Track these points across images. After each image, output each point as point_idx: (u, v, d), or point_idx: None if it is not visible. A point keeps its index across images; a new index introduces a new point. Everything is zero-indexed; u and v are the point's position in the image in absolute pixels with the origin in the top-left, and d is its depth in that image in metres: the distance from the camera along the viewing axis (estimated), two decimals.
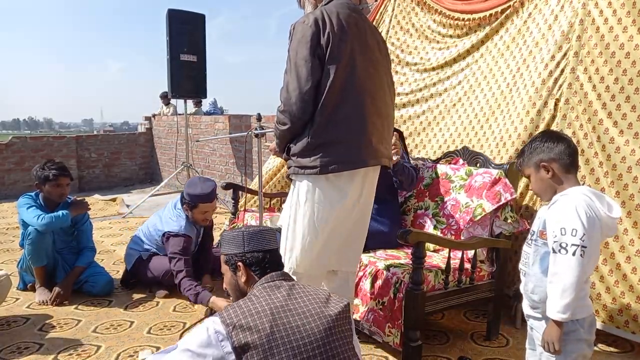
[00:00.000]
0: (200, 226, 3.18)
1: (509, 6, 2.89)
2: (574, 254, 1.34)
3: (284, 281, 1.48)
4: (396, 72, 3.52)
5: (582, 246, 1.34)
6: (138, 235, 3.22)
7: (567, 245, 1.35)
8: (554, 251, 1.39)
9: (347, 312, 1.43)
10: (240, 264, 1.52)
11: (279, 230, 2.13)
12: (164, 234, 3.03)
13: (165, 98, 9.49)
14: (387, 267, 2.28)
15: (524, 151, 1.59)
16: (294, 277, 2.00)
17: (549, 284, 1.40)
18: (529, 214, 2.60)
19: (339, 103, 1.88)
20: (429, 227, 2.75)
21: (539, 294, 1.48)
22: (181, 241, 2.97)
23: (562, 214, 1.40)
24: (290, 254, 2.02)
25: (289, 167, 2.02)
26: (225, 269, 1.59)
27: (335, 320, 1.38)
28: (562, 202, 1.44)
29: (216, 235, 3.41)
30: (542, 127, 2.59)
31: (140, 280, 3.14)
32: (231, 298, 1.66)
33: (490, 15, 2.99)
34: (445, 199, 2.74)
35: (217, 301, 2.67)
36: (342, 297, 1.49)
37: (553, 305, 1.37)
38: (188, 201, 3.03)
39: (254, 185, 3.96)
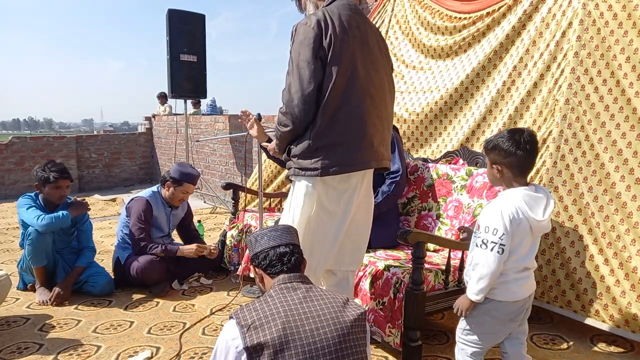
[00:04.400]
0: (170, 208, 3.32)
1: (508, 6, 2.89)
2: (492, 250, 1.58)
3: (302, 283, 1.47)
4: (395, 72, 3.52)
5: (501, 244, 1.57)
6: (118, 240, 3.28)
7: (487, 242, 1.59)
8: (477, 245, 1.63)
9: (363, 319, 1.42)
10: (251, 266, 1.57)
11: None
12: (128, 203, 3.23)
13: (161, 98, 9.50)
14: (387, 267, 2.28)
15: (490, 141, 1.71)
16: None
17: (471, 270, 1.67)
18: None
19: (340, 105, 1.88)
20: (434, 229, 2.75)
21: (469, 275, 1.72)
22: (142, 204, 3.15)
23: (490, 214, 1.62)
24: None
25: (288, 168, 2.02)
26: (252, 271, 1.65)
27: (350, 327, 1.37)
28: (494, 203, 1.65)
29: (216, 235, 3.40)
30: (542, 127, 2.59)
31: (130, 282, 3.13)
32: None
33: (489, 14, 2.99)
34: (448, 200, 2.75)
35: (184, 248, 3.15)
36: (359, 304, 1.48)
37: (470, 288, 1.66)
38: (175, 178, 3.21)
39: (251, 183, 3.96)
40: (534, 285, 1.73)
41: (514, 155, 1.64)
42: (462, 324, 1.75)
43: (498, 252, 1.58)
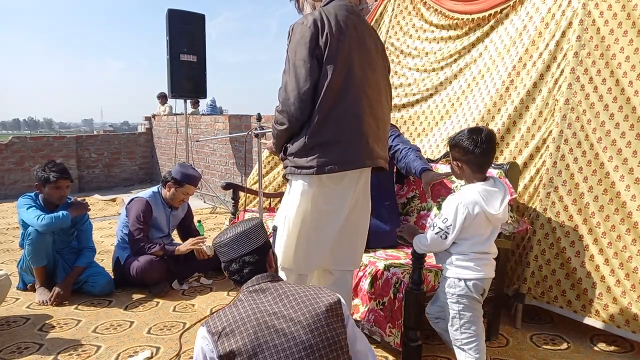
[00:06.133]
0: (170, 209, 3.32)
1: (508, 6, 2.89)
2: (436, 233, 1.83)
3: (271, 282, 1.46)
4: (396, 72, 3.52)
5: (445, 232, 1.81)
6: (117, 240, 3.28)
7: (435, 225, 1.84)
8: (428, 225, 1.87)
9: (338, 307, 1.42)
10: (226, 274, 1.55)
11: (274, 228, 2.14)
12: (128, 203, 3.23)
13: (161, 98, 9.51)
14: (387, 267, 2.28)
15: (452, 139, 1.87)
16: (284, 275, 2.02)
17: (418, 235, 1.96)
18: (529, 214, 2.60)
19: (336, 103, 1.89)
20: None
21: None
22: (142, 204, 3.15)
23: (447, 205, 1.84)
24: (285, 251, 2.03)
25: (285, 167, 2.03)
26: None
27: (324, 319, 1.37)
28: (454, 196, 1.85)
29: (215, 235, 3.39)
30: (543, 127, 2.59)
31: (130, 282, 3.13)
32: None
33: (490, 15, 2.99)
34: None
35: (182, 247, 3.14)
36: (332, 292, 1.47)
37: (418, 243, 1.96)
38: (176, 179, 3.21)
39: (250, 181, 3.96)
40: (493, 270, 1.90)
41: (472, 153, 1.81)
42: (453, 322, 1.88)
43: (441, 237, 1.82)
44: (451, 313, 1.87)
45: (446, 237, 1.82)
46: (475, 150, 1.80)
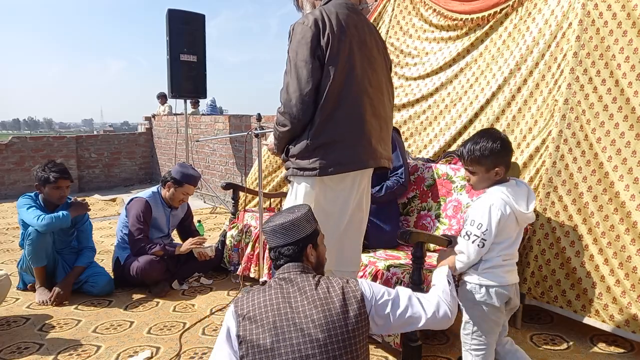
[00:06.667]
0: (169, 209, 3.32)
1: (508, 6, 2.89)
2: (472, 242, 1.71)
3: (299, 274, 1.50)
4: (395, 72, 3.51)
5: (482, 239, 1.69)
6: (117, 240, 3.28)
7: (470, 234, 1.72)
8: (461, 235, 1.76)
9: (359, 307, 1.42)
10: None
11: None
12: (127, 204, 3.24)
13: (161, 98, 9.51)
14: (387, 267, 2.28)
15: (476, 149, 1.75)
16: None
17: (457, 255, 1.80)
18: None
19: (338, 104, 1.88)
20: (432, 229, 2.75)
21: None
22: (142, 204, 3.15)
23: (477, 209, 1.73)
24: None
25: (287, 169, 2.01)
26: None
27: (343, 319, 1.39)
28: (482, 199, 1.76)
29: (216, 235, 3.40)
30: (543, 128, 2.59)
31: (130, 282, 3.13)
32: None
33: (490, 15, 2.99)
34: (447, 200, 2.75)
35: (182, 247, 3.15)
36: (357, 287, 1.47)
37: (458, 265, 1.79)
38: (176, 179, 3.22)
39: (249, 182, 3.96)
40: (516, 275, 1.81)
41: (508, 154, 1.76)
42: (466, 327, 1.81)
43: (478, 245, 1.70)
44: (465, 317, 1.81)
45: (483, 245, 1.70)
46: (511, 154, 1.77)
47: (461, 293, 1.81)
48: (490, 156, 1.74)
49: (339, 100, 1.88)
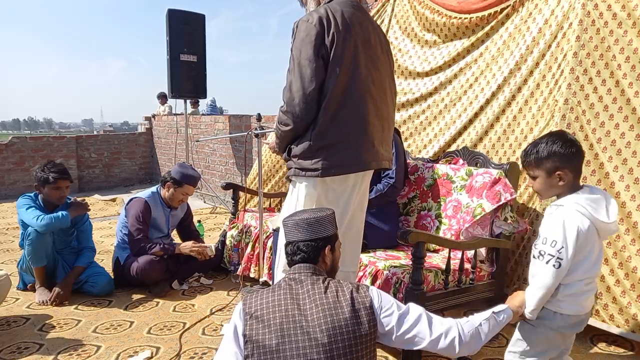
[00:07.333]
0: (169, 209, 3.32)
1: (508, 6, 2.89)
2: (547, 262, 1.48)
3: (310, 276, 1.49)
4: (395, 72, 3.51)
5: (558, 258, 1.47)
6: (117, 240, 3.28)
7: (544, 253, 1.49)
8: (534, 256, 1.54)
9: (366, 314, 1.41)
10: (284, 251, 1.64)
11: (276, 230, 2.13)
12: (127, 204, 3.24)
13: (161, 98, 9.51)
14: (387, 267, 2.28)
15: (537, 151, 1.55)
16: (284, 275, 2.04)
17: (529, 281, 1.56)
18: (529, 214, 2.60)
19: (342, 104, 1.86)
20: (432, 229, 2.75)
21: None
22: (141, 204, 3.15)
23: (550, 225, 1.51)
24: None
25: (289, 168, 2.00)
26: None
27: (351, 325, 1.38)
28: (555, 214, 1.53)
29: (216, 235, 3.40)
30: (543, 127, 2.58)
31: (130, 282, 3.13)
32: None
33: (490, 15, 2.99)
34: (447, 200, 2.75)
35: (184, 248, 3.15)
36: (367, 292, 1.46)
37: (528, 303, 1.55)
38: (175, 179, 3.22)
39: (249, 182, 3.96)
40: (594, 299, 1.62)
41: (575, 156, 1.53)
42: (518, 345, 1.62)
43: (554, 265, 1.47)
44: (517, 335, 1.62)
45: (560, 265, 1.46)
46: (579, 156, 1.53)
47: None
48: (549, 157, 1.52)
49: (342, 100, 1.85)
